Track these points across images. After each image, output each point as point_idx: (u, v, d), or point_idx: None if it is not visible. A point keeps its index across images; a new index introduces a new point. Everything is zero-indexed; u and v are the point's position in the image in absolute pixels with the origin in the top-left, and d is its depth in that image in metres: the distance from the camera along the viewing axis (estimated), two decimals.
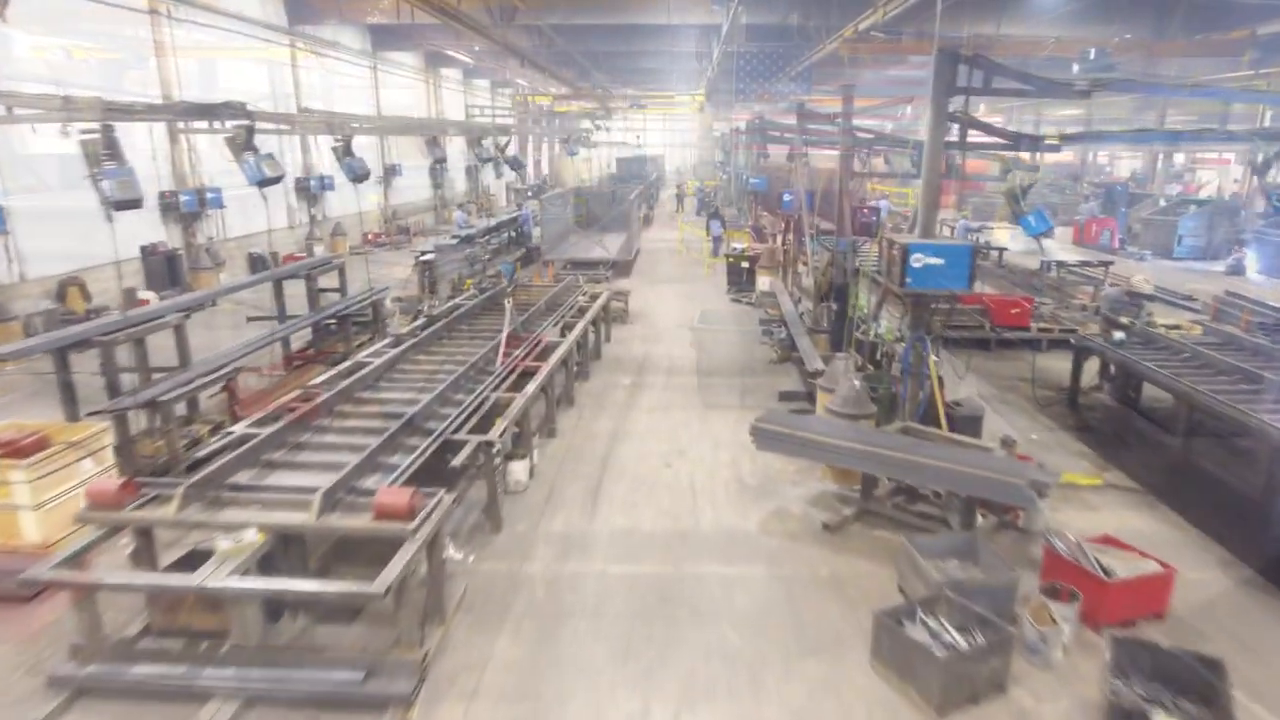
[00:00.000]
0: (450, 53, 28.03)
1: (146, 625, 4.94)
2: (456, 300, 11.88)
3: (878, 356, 9.20)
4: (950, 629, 4.68)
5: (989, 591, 5.00)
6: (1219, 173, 34.96)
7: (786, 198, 14.89)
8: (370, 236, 24.48)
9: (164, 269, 15.07)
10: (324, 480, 5.06)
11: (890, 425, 7.22)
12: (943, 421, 7.21)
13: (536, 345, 9.18)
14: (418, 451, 5.83)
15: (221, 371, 8.19)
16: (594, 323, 11.51)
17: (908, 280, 6.71)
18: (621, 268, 19.07)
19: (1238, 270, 19.83)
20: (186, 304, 9.65)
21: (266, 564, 4.77)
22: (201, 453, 6.34)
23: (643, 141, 56.02)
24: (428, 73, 30.55)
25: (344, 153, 11.08)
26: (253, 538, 4.61)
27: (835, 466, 7.07)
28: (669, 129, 60.38)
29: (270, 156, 9.00)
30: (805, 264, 15.01)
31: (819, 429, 6.55)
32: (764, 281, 15.85)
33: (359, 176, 11.01)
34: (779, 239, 21.12)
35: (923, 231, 7.00)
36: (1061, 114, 48.24)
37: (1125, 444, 8.28)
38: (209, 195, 16.10)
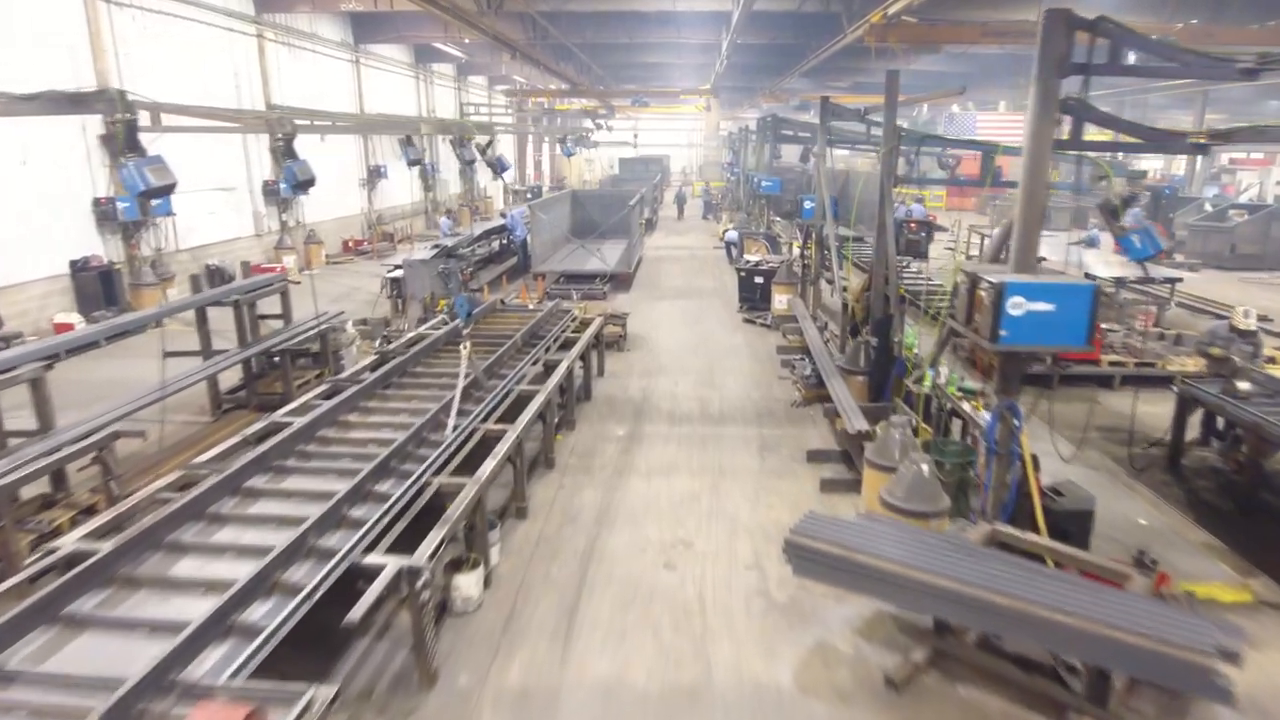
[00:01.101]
0: (439, 46, 26.19)
1: None
2: (421, 330, 10.02)
3: (931, 409, 7.30)
4: None
5: None
6: (1260, 175, 32.85)
7: (807, 205, 13.02)
8: (351, 244, 22.67)
9: (98, 286, 13.26)
10: (136, 656, 3.22)
11: (970, 529, 5.33)
12: (1040, 521, 5.31)
13: (504, 399, 7.32)
14: (298, 599, 3.97)
15: (92, 438, 6.33)
16: (584, 357, 9.65)
17: (1002, 333, 4.81)
18: (621, 280, 17.19)
19: None
20: (104, 332, 7.82)
21: None
22: (14, 578, 4.49)
23: (643, 141, 54.19)
24: (418, 68, 28.72)
25: (284, 155, 9.20)
26: None
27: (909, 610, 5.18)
28: (675, 128, 58.56)
29: (158, 160, 7.11)
30: (830, 281, 13.09)
31: (879, 545, 4.66)
32: (780, 299, 13.95)
33: (301, 184, 9.14)
34: (798, 248, 19.23)
35: (1019, 264, 5.11)
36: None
37: (1265, 533, 6.38)
38: (155, 201, 14.23)
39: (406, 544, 4.71)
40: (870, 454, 6.12)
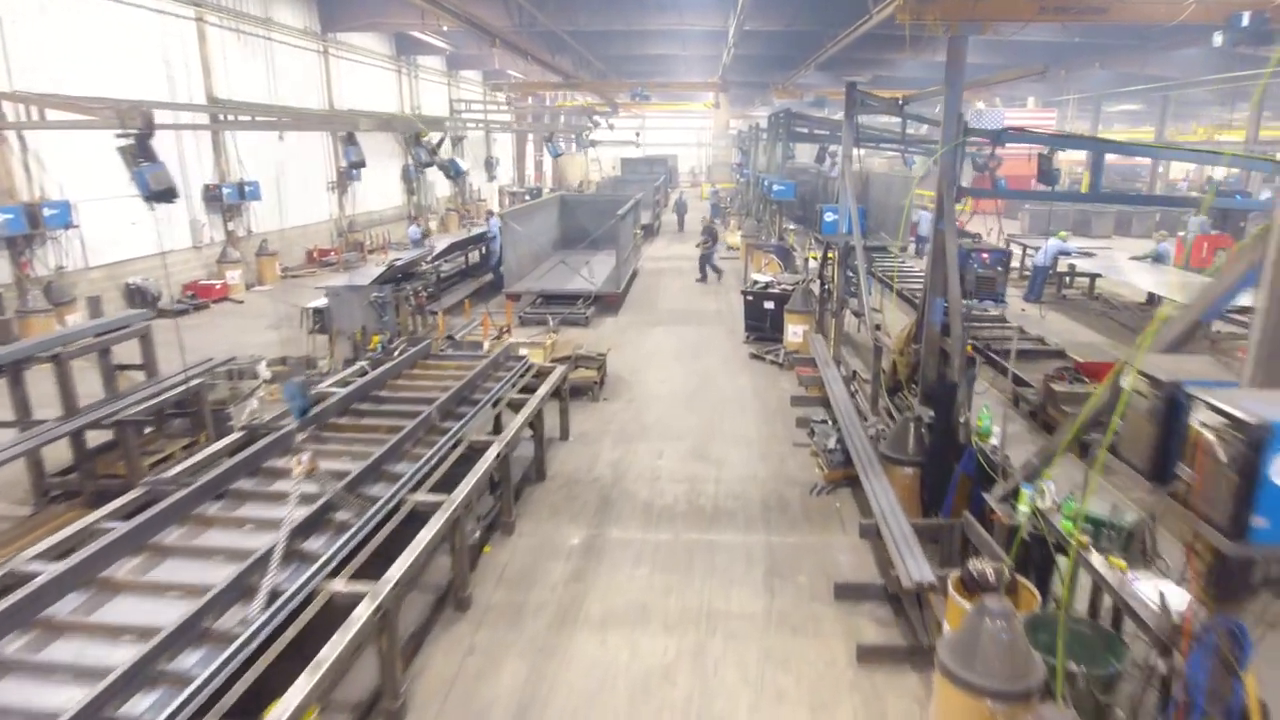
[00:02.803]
0: (419, 35, 23.87)
1: None
2: (330, 384, 7.65)
3: (1022, 541, 4.83)
4: None
5: None
6: None
7: (828, 216, 10.57)
8: (316, 255, 20.37)
9: None
10: None
11: None
12: None
13: (388, 516, 4.92)
14: None
15: None
16: (534, 423, 7.25)
17: (1259, 523, 2.38)
18: (609, 302, 14.78)
19: None
20: None
21: None
22: None
23: (650, 141, 51.77)
24: (400, 61, 26.42)
25: (136, 156, 6.88)
26: None
27: None
28: (684, 127, 56.13)
29: None
30: (858, 314, 10.63)
31: None
32: (795, 331, 11.51)
33: (156, 194, 6.84)
34: (812, 258, 16.76)
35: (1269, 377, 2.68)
36: (1120, 108, 43.40)
37: None
38: (48, 211, 12.00)
39: None
40: (949, 657, 3.68)
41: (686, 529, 6.54)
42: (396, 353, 9.46)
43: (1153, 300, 15.33)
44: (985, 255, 5.84)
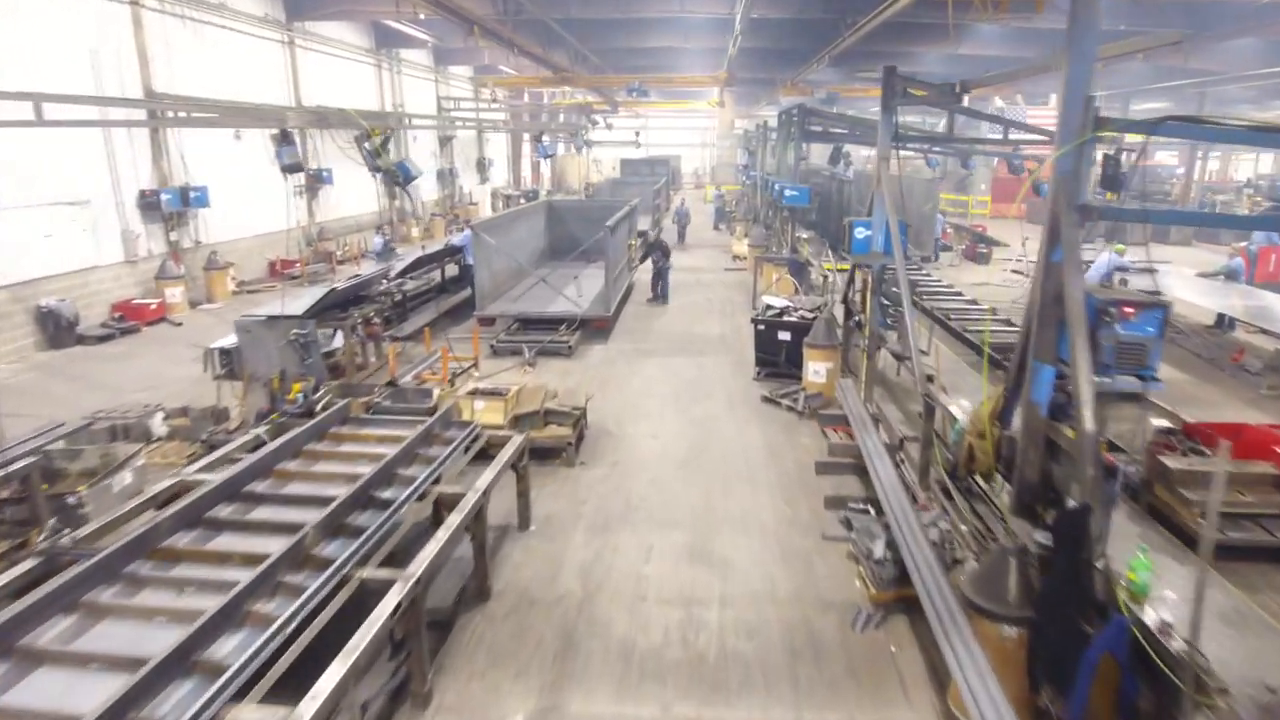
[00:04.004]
0: (394, 25, 21.95)
1: None
2: (196, 470, 5.69)
3: None
4: None
5: None
6: None
7: (860, 233, 8.58)
8: (279, 266, 18.43)
9: None
10: None
11: None
12: None
13: None
14: None
15: None
16: (472, 526, 5.28)
17: None
18: (597, 328, 12.79)
19: None
20: None
21: None
22: None
23: (652, 141, 49.78)
24: (380, 55, 24.47)
25: None
26: None
27: None
28: (687, 127, 54.19)
29: None
30: (901, 357, 8.60)
31: None
32: (817, 369, 9.52)
33: None
34: (828, 270, 14.76)
35: None
36: (1144, 106, 41.23)
37: None
38: None
39: None
40: None
41: (680, 696, 4.55)
42: (320, 406, 7.54)
43: (1223, 323, 13.33)
44: (1129, 309, 3.89)
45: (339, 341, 10.27)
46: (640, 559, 6.05)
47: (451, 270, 16.10)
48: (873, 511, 6.26)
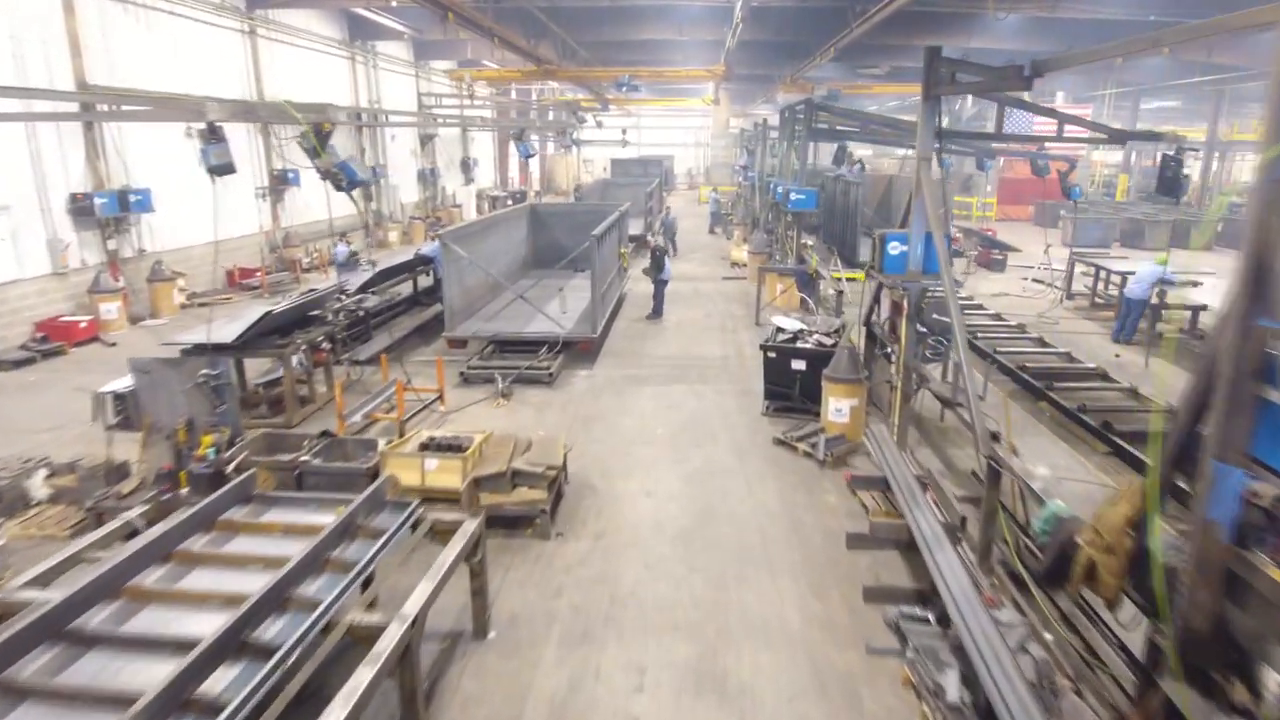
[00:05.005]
0: (368, 14, 20.39)
1: None
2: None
3: None
4: None
5: None
6: None
7: (894, 248, 7.15)
8: (237, 276, 16.87)
9: None
10: None
11: None
12: None
13: None
14: None
15: None
16: (402, 670, 3.81)
17: None
18: (582, 351, 11.31)
19: None
20: None
21: None
22: None
23: (645, 140, 48.31)
24: (353, 47, 22.91)
25: None
26: None
27: None
28: (681, 126, 52.75)
29: None
30: (951, 404, 7.12)
31: None
32: (839, 408, 8.07)
33: None
34: (839, 277, 13.37)
35: None
36: (1157, 104, 40.07)
37: None
38: None
39: None
40: None
41: None
42: (232, 467, 6.09)
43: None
44: None
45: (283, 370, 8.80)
46: (630, 687, 4.58)
47: (426, 281, 14.63)
48: (931, 618, 4.82)
